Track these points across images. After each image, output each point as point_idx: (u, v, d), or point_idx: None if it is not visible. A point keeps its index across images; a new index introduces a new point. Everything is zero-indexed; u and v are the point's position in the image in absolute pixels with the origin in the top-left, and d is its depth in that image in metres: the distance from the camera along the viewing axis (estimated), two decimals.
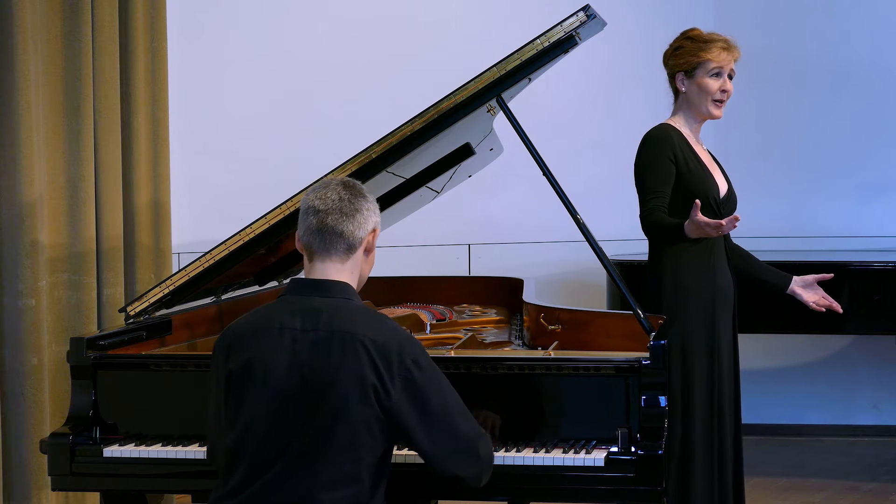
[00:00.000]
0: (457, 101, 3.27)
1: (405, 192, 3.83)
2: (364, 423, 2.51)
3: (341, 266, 2.66)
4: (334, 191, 2.66)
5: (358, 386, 2.50)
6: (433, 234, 5.75)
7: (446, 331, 3.84)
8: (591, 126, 6.05)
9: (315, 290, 2.63)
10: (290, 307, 2.61)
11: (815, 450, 5.97)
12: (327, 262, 2.66)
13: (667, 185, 3.60)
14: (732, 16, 6.12)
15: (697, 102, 3.71)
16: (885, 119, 6.16)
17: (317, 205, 2.65)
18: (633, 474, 2.82)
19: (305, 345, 2.55)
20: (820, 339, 6.15)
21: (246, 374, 2.57)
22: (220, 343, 2.65)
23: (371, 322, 2.59)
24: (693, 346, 3.58)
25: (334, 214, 2.64)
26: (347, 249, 2.66)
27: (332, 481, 2.51)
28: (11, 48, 4.09)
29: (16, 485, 4.18)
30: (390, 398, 2.52)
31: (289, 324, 2.58)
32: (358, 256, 2.68)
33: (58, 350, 4.26)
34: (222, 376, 2.61)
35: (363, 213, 2.67)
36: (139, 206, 4.69)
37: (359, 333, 2.54)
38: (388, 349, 2.54)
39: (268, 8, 5.66)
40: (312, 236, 2.65)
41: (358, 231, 2.66)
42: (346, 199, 2.66)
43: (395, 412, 2.53)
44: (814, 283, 3.83)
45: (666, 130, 3.69)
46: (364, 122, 5.11)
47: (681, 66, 3.70)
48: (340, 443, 2.51)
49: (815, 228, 6.14)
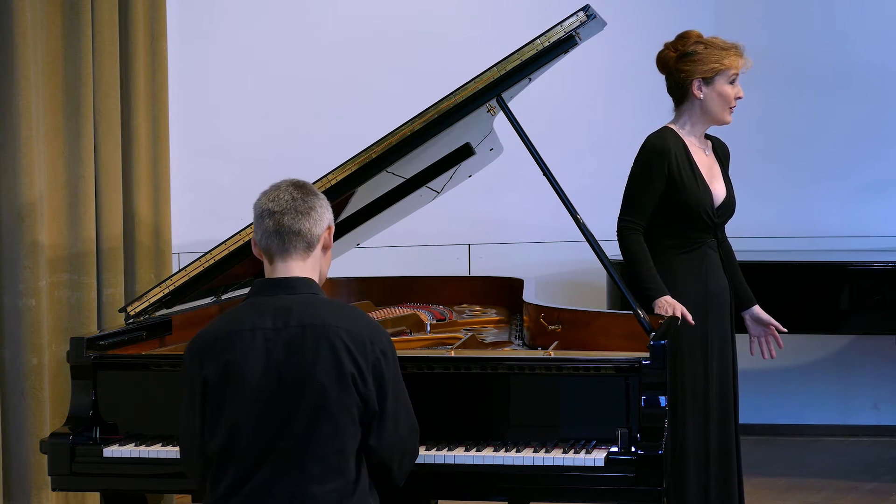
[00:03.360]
0: (457, 101, 3.27)
1: (405, 192, 3.83)
2: (346, 411, 2.53)
3: (303, 264, 2.67)
4: (286, 191, 2.68)
5: (337, 376, 2.52)
6: (433, 234, 5.74)
7: (446, 331, 3.84)
8: (590, 126, 6.05)
9: (281, 289, 2.64)
10: (259, 308, 2.61)
11: (814, 450, 5.96)
12: (289, 261, 2.67)
13: (653, 199, 3.65)
14: (732, 16, 6.12)
15: (714, 109, 3.69)
16: (885, 119, 6.15)
17: (270, 207, 2.67)
18: (634, 474, 2.82)
19: (279, 343, 2.56)
20: (820, 339, 6.15)
21: (223, 379, 2.56)
22: (192, 349, 2.63)
23: (341, 313, 2.61)
24: (684, 350, 3.59)
25: (290, 214, 2.65)
26: (307, 247, 2.67)
27: (321, 475, 2.52)
28: (11, 48, 4.09)
29: (16, 485, 4.18)
30: (366, 385, 2.55)
31: (260, 324, 2.58)
32: (317, 254, 2.70)
33: (58, 350, 4.26)
34: (197, 384, 2.59)
35: (318, 211, 2.69)
36: (139, 206, 4.69)
37: (331, 325, 2.56)
38: (362, 338, 2.57)
39: (268, 8, 5.65)
40: (270, 238, 2.66)
41: (315, 228, 2.67)
42: (300, 198, 2.67)
43: (368, 399, 2.55)
44: (767, 323, 3.86)
45: (665, 140, 3.67)
46: (364, 122, 5.11)
47: (699, 73, 3.66)
48: (325, 435, 2.52)
49: (815, 228, 6.14)
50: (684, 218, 3.67)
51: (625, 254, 3.67)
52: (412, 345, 3.54)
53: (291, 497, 2.52)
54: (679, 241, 3.70)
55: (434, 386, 2.99)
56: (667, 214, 3.68)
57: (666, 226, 3.70)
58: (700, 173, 3.69)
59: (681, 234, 3.70)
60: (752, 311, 3.86)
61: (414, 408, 2.67)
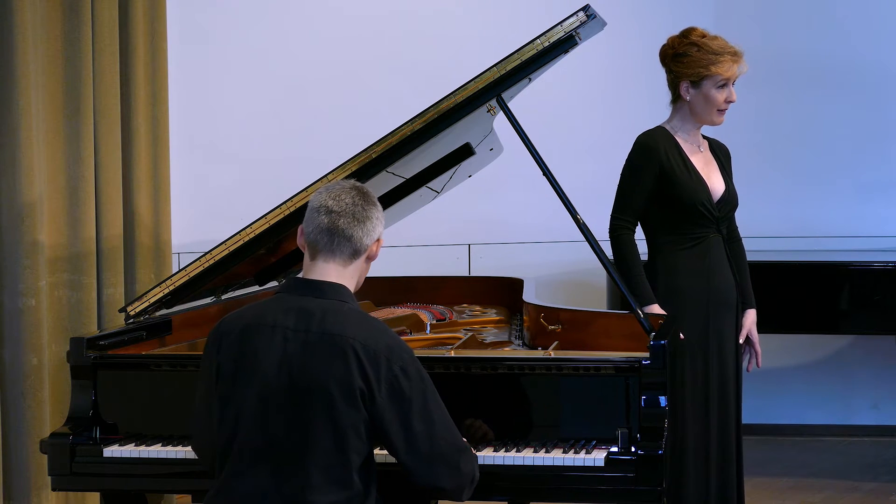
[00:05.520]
0: (457, 101, 3.27)
1: (405, 192, 3.83)
2: (352, 425, 2.52)
3: (343, 269, 2.67)
4: (349, 194, 2.67)
5: (345, 389, 2.51)
6: (433, 234, 5.74)
7: (446, 331, 3.84)
8: (590, 126, 6.05)
9: (310, 291, 2.64)
10: (285, 305, 2.61)
11: (815, 450, 5.96)
12: (330, 262, 2.66)
13: (643, 197, 3.67)
14: (732, 16, 6.12)
15: (701, 112, 3.70)
16: (885, 119, 6.15)
17: (330, 205, 2.66)
18: (634, 474, 2.82)
19: (296, 345, 2.56)
20: (820, 339, 6.15)
21: (235, 368, 2.58)
22: (214, 333, 2.66)
23: (363, 326, 2.59)
24: (685, 347, 3.59)
25: (346, 217, 2.65)
26: (353, 254, 2.66)
27: (322, 484, 2.51)
28: (11, 48, 4.09)
29: (16, 485, 4.18)
30: (374, 402, 2.53)
31: (282, 322, 2.58)
32: (360, 262, 2.69)
33: (58, 350, 4.26)
34: (213, 366, 2.62)
35: (373, 221, 2.68)
36: (139, 206, 4.69)
37: (349, 336, 2.54)
38: (378, 353, 2.54)
39: (268, 8, 5.65)
40: (320, 235, 2.65)
41: (366, 238, 2.67)
42: (360, 204, 2.67)
43: (378, 416, 2.54)
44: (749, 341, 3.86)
45: (654, 139, 3.69)
46: (364, 122, 5.11)
47: (686, 76, 3.66)
48: (328, 445, 2.51)
49: (815, 228, 6.14)
50: (682, 213, 3.67)
51: (615, 253, 3.69)
52: (412, 345, 3.53)
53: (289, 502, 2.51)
54: (679, 237, 3.70)
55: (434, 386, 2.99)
56: (665, 212, 3.69)
57: (665, 224, 3.71)
58: (694, 167, 3.69)
59: (681, 231, 3.70)
60: (745, 318, 3.83)
61: None
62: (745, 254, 3.89)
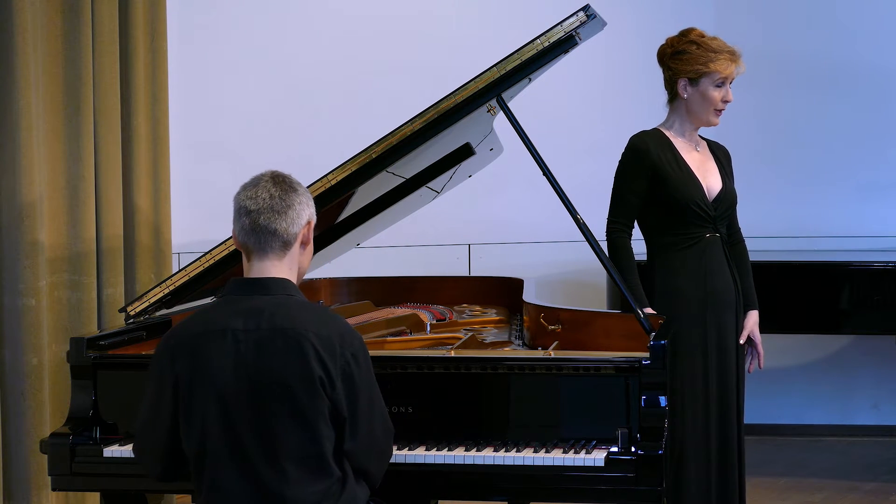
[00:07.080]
0: (457, 101, 3.27)
1: (405, 192, 3.83)
2: (318, 414, 2.52)
3: (279, 263, 2.66)
4: (264, 188, 2.66)
5: (306, 380, 2.52)
6: (433, 234, 5.75)
7: (446, 331, 3.84)
8: (590, 126, 6.05)
9: (255, 289, 2.64)
10: (232, 308, 2.61)
11: (815, 450, 5.97)
12: (265, 260, 2.66)
13: (636, 198, 3.68)
14: (732, 16, 6.12)
15: (698, 111, 3.70)
16: (885, 119, 6.16)
17: (248, 205, 2.66)
18: (634, 474, 2.82)
19: (249, 345, 2.55)
20: (820, 339, 6.15)
21: (193, 378, 2.56)
22: (164, 347, 2.64)
23: (313, 316, 2.60)
24: (683, 348, 3.59)
25: (266, 213, 2.64)
26: (283, 246, 2.66)
27: (301, 477, 2.52)
28: (11, 48, 4.08)
29: (16, 485, 4.18)
30: (335, 388, 2.54)
31: (232, 325, 2.57)
32: (295, 251, 2.69)
33: (58, 350, 4.26)
34: (168, 380, 2.59)
35: (295, 209, 2.67)
36: (139, 206, 4.69)
37: (301, 328, 2.55)
38: (332, 340, 2.56)
39: (268, 8, 5.65)
40: (247, 236, 2.66)
41: (291, 227, 2.66)
42: (277, 196, 2.65)
43: (336, 402, 2.54)
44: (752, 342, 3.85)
45: (644, 140, 3.69)
46: (364, 122, 5.12)
47: (685, 73, 3.67)
48: (299, 438, 2.52)
49: (815, 228, 6.14)
50: (677, 213, 3.67)
51: (611, 255, 3.68)
52: (412, 345, 3.54)
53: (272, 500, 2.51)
54: (676, 238, 3.70)
55: (434, 386, 2.99)
56: (660, 213, 3.69)
57: (662, 225, 3.71)
58: (687, 166, 3.69)
59: (677, 231, 3.70)
60: (747, 319, 3.83)
61: (414, 408, 2.68)
62: (748, 255, 3.88)
